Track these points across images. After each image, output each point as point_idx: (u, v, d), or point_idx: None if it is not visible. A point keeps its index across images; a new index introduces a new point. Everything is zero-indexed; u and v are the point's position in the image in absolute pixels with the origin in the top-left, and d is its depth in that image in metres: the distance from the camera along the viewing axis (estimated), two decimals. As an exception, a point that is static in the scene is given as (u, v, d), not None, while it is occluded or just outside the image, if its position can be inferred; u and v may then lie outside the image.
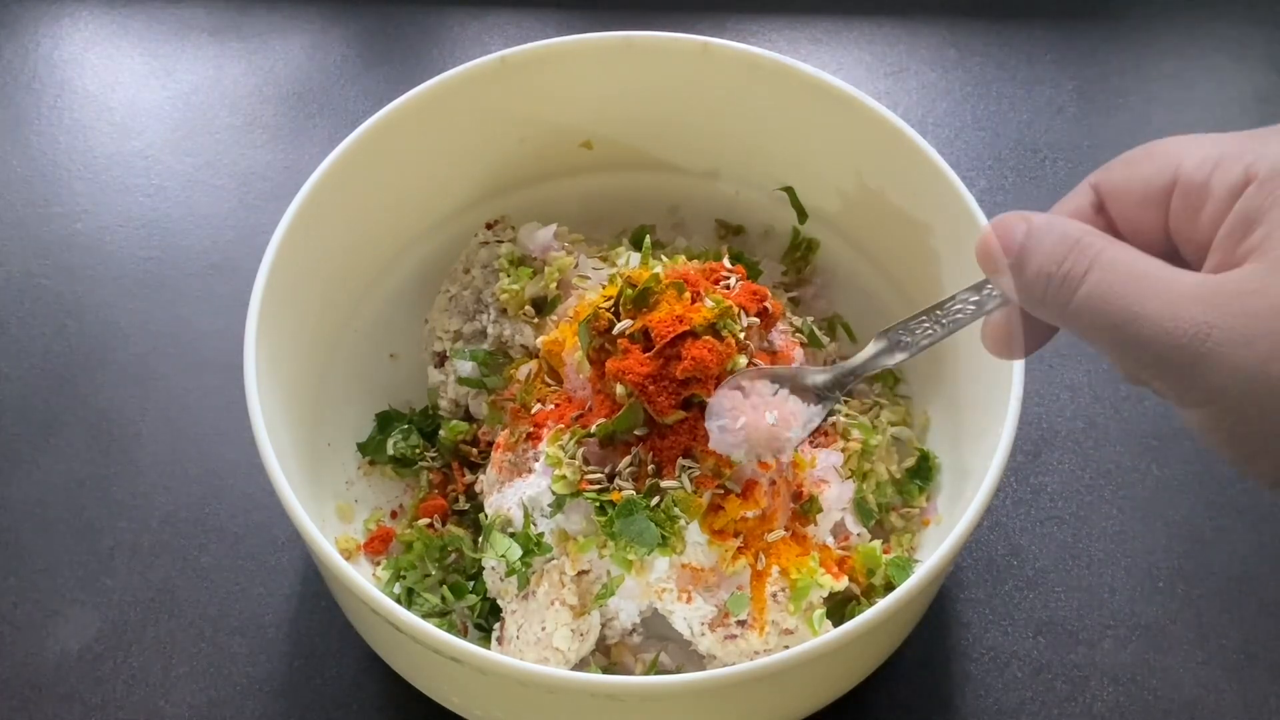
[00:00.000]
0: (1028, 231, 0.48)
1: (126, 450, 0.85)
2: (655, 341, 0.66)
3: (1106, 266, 0.46)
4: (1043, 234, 0.48)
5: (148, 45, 1.06)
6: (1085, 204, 0.50)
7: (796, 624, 0.67)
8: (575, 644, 0.67)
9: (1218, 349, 0.42)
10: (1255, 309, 0.42)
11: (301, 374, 0.75)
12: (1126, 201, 0.49)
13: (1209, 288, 0.43)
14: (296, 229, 0.72)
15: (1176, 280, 0.44)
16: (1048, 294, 0.47)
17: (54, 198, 0.97)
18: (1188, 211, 0.47)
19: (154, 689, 0.76)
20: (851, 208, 0.82)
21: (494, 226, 0.83)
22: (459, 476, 0.78)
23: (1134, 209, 0.49)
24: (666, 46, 0.79)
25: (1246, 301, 0.42)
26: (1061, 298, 0.47)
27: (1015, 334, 0.52)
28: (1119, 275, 0.45)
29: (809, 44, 1.06)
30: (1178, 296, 0.43)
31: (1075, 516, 0.83)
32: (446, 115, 0.78)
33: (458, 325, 0.80)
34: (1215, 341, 0.42)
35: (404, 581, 0.74)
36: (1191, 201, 0.46)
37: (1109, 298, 0.45)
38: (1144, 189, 0.48)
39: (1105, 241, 0.47)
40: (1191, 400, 0.45)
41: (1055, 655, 0.77)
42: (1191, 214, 0.46)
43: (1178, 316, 0.43)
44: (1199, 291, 0.43)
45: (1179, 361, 0.43)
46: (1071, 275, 0.46)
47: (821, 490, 0.72)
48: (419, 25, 1.07)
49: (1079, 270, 0.46)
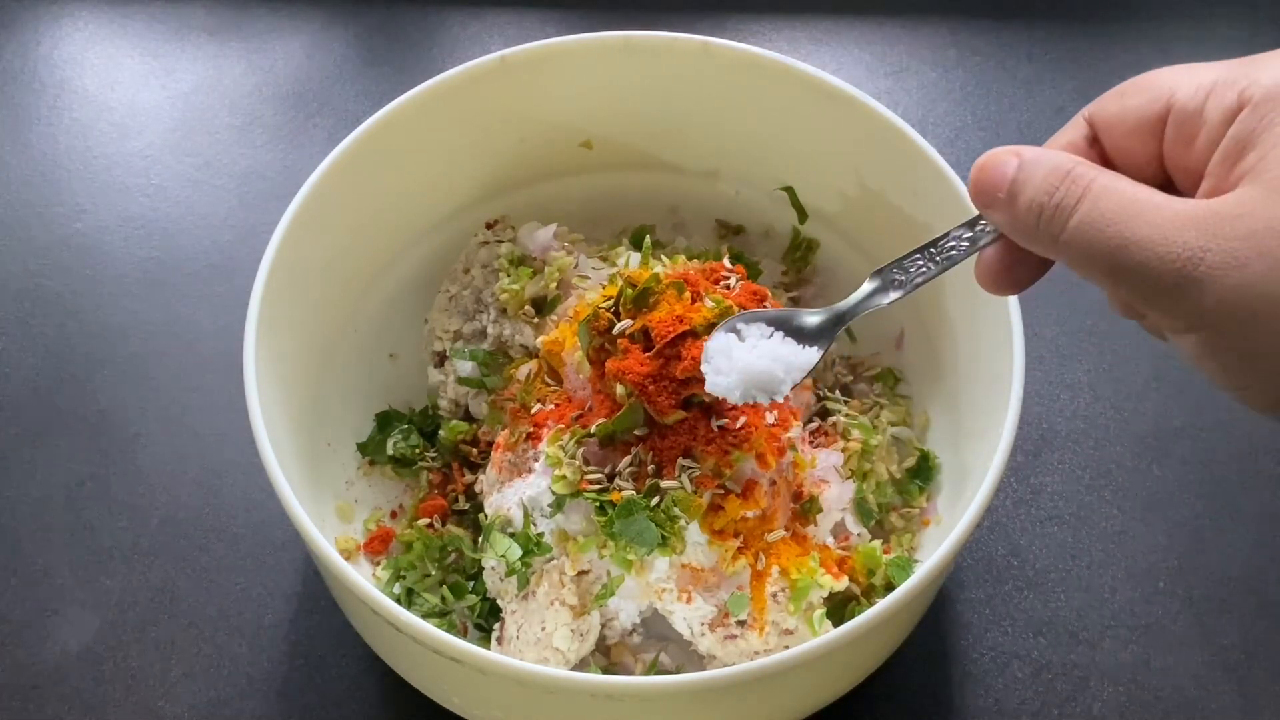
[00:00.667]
0: (1019, 165, 0.48)
1: (126, 450, 0.85)
2: (655, 341, 0.66)
3: (1098, 195, 0.45)
4: (1034, 166, 0.48)
5: (148, 45, 1.06)
6: (1079, 137, 0.50)
7: (796, 624, 0.67)
8: (575, 644, 0.66)
9: (1211, 273, 0.42)
10: (1248, 231, 0.42)
11: (301, 374, 0.75)
12: (1119, 132, 0.49)
13: (1202, 212, 0.43)
14: (296, 229, 0.72)
15: (1169, 206, 0.44)
16: (1040, 225, 0.47)
17: (54, 198, 0.97)
18: (1182, 139, 0.46)
19: (154, 689, 0.76)
20: (851, 208, 0.82)
21: (494, 226, 0.83)
22: (459, 476, 0.78)
23: (1127, 139, 0.48)
24: (666, 46, 0.79)
25: (1239, 224, 0.42)
26: (1054, 228, 0.46)
27: (1009, 269, 0.52)
28: (1111, 203, 0.45)
29: (809, 44, 1.06)
30: (1170, 222, 0.43)
31: (1075, 516, 0.83)
32: (446, 115, 0.78)
33: (458, 325, 0.80)
34: (1208, 265, 0.42)
35: (404, 582, 0.74)
36: (1185, 129, 0.46)
37: (1101, 226, 0.45)
38: (1137, 119, 0.48)
39: (1097, 171, 0.47)
40: (1184, 326, 0.44)
41: (1055, 655, 0.77)
42: (1185, 142, 0.46)
43: (1170, 241, 0.43)
44: (1192, 216, 0.43)
45: (1172, 287, 0.43)
46: (1063, 206, 0.46)
47: (821, 490, 0.72)
48: (419, 25, 1.07)
49: (1070, 200, 0.46)
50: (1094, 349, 0.89)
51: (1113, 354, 0.89)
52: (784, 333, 0.61)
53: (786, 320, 0.61)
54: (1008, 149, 0.49)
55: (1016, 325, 0.68)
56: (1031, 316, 0.71)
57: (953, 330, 0.77)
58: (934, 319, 0.79)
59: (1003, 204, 0.49)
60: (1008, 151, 0.49)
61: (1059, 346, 0.89)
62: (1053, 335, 0.90)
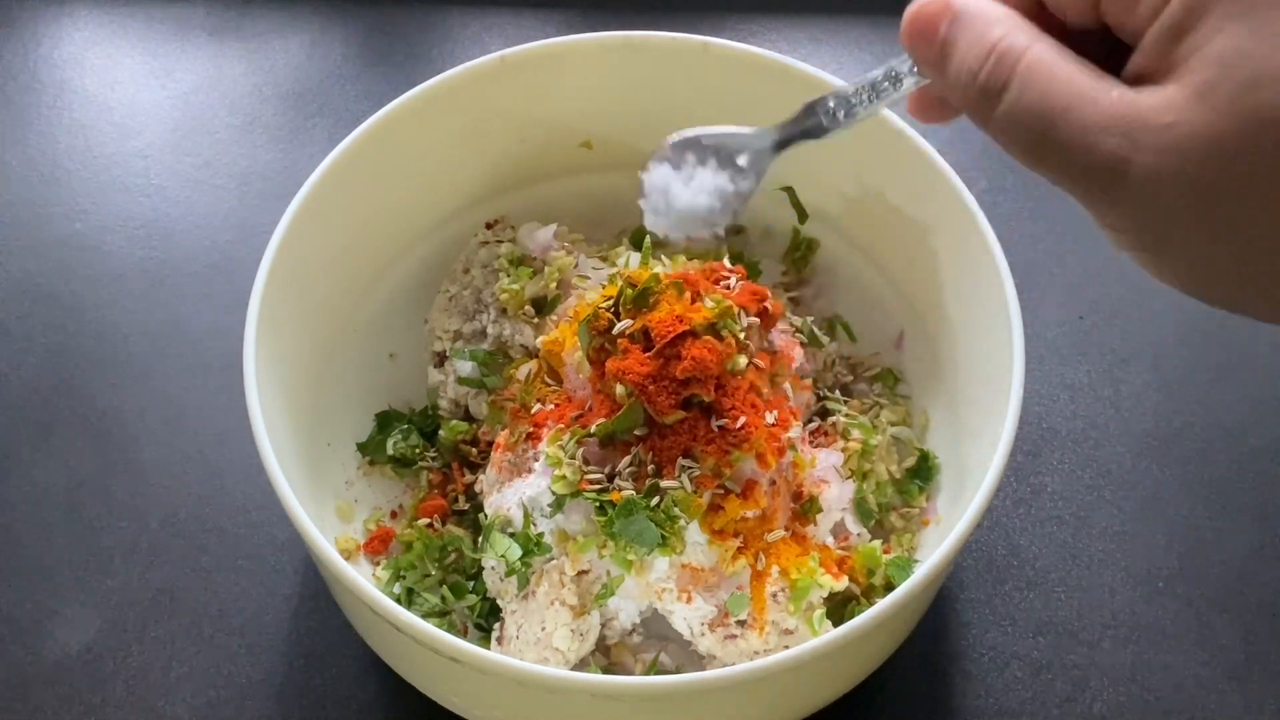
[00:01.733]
0: (949, 26, 0.44)
1: (126, 450, 0.85)
2: (655, 341, 0.66)
3: (1024, 80, 0.42)
4: (962, 33, 0.44)
5: (147, 45, 1.06)
6: None
7: (796, 624, 0.67)
8: (575, 644, 0.66)
9: (1134, 182, 0.39)
10: (1170, 144, 0.39)
11: (301, 374, 0.75)
12: None
13: (1126, 113, 0.40)
14: (296, 229, 0.72)
15: (1095, 100, 0.41)
16: (969, 104, 0.44)
17: (54, 198, 0.97)
18: None
19: (154, 689, 0.76)
20: (851, 208, 0.82)
21: (494, 226, 0.83)
22: (459, 476, 0.78)
23: None
24: (666, 46, 0.79)
25: (1162, 136, 0.39)
26: (983, 111, 0.43)
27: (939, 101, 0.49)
28: (1035, 93, 0.41)
29: (809, 44, 1.06)
30: (1095, 122, 0.40)
31: (1075, 516, 0.83)
32: (446, 115, 0.78)
33: (458, 325, 0.80)
34: (1132, 175, 0.39)
35: (404, 581, 0.74)
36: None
37: (1024, 117, 0.42)
38: None
39: (1025, 42, 0.42)
40: (1110, 224, 0.42)
41: (1055, 655, 0.77)
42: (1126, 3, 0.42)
43: (1093, 145, 0.40)
44: (1116, 115, 0.40)
45: (1095, 187, 0.41)
46: (989, 89, 0.43)
47: (821, 490, 0.72)
48: (419, 25, 1.07)
49: (996, 84, 0.43)
50: (1094, 349, 0.89)
51: (1113, 354, 0.89)
52: (719, 161, 0.58)
53: (723, 146, 0.58)
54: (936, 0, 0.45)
55: (1016, 325, 0.68)
56: (1031, 316, 0.71)
57: (953, 330, 0.77)
58: (934, 319, 0.79)
59: (933, 66, 0.46)
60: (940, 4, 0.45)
61: (1059, 346, 0.89)
62: (1053, 335, 0.90)
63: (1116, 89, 0.40)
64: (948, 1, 0.44)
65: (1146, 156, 0.39)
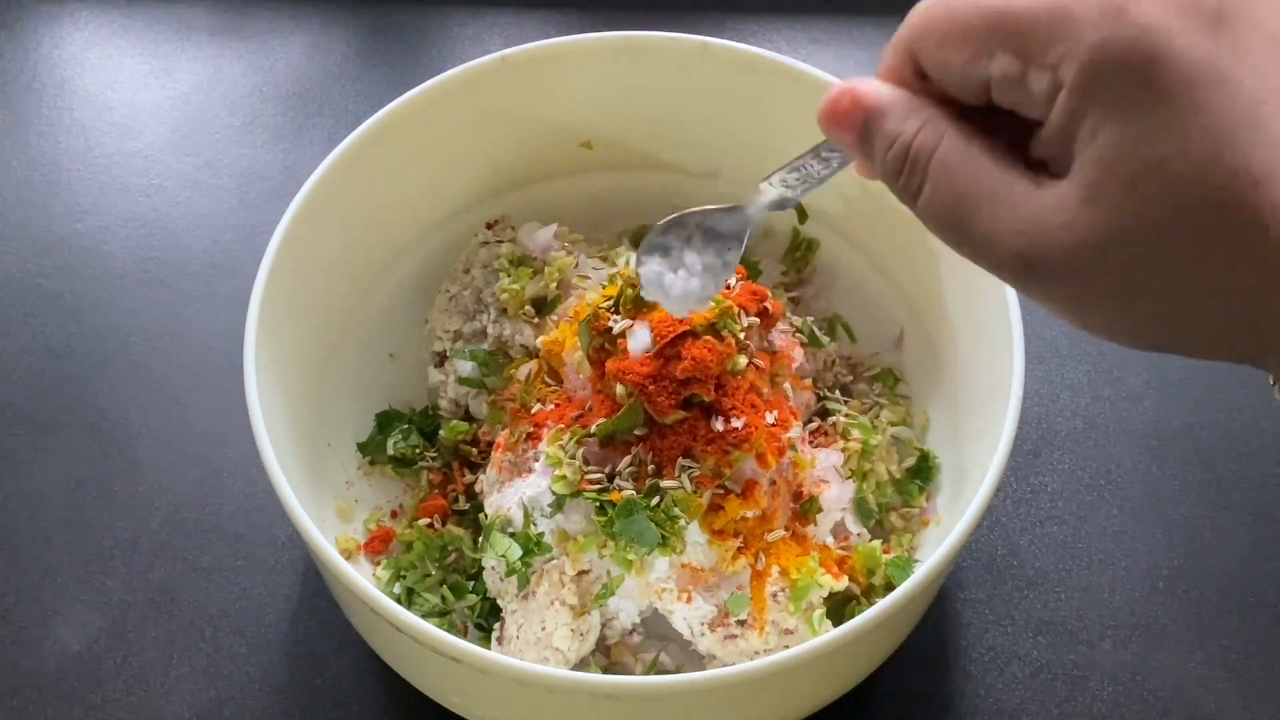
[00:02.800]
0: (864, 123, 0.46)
1: (126, 450, 0.85)
2: (655, 341, 0.66)
3: (935, 178, 0.43)
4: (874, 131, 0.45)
5: (148, 45, 1.06)
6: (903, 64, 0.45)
7: (796, 624, 0.67)
8: (575, 644, 0.67)
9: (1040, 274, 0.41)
10: (1068, 243, 0.40)
11: (301, 374, 0.75)
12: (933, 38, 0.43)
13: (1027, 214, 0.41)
14: (296, 229, 0.72)
15: (1001, 199, 0.42)
16: (898, 196, 0.46)
17: (54, 198, 0.97)
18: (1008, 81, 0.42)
19: (154, 689, 0.76)
20: (852, 208, 0.82)
21: (494, 226, 0.83)
22: (459, 476, 0.78)
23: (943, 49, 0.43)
24: (666, 46, 0.79)
25: (1059, 236, 0.40)
26: (908, 204, 0.45)
27: None
28: (948, 193, 0.43)
29: (809, 44, 1.06)
30: (1001, 221, 0.42)
31: (1075, 516, 0.83)
32: (446, 115, 0.78)
33: (458, 325, 0.80)
34: (1038, 271, 0.41)
35: (404, 581, 0.74)
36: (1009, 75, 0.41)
37: (940, 215, 0.44)
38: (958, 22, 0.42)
39: (934, 140, 0.43)
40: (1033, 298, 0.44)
41: (1055, 655, 0.77)
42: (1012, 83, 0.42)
43: (1001, 244, 0.42)
44: (1018, 217, 0.41)
45: (1008, 276, 0.43)
46: (908, 189, 0.45)
47: (821, 490, 0.72)
48: (419, 25, 1.07)
49: (914, 185, 0.44)
50: (1094, 349, 0.89)
51: (1113, 354, 0.89)
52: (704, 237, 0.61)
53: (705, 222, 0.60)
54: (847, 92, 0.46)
55: (1016, 325, 0.68)
56: (1031, 316, 0.71)
57: (953, 330, 0.77)
58: (934, 319, 0.79)
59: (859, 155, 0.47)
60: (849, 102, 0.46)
61: (1059, 346, 0.89)
62: (1053, 335, 0.90)
63: (1019, 184, 0.42)
64: (856, 98, 0.46)
65: (1049, 256, 0.41)
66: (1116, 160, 0.39)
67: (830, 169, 0.54)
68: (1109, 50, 0.38)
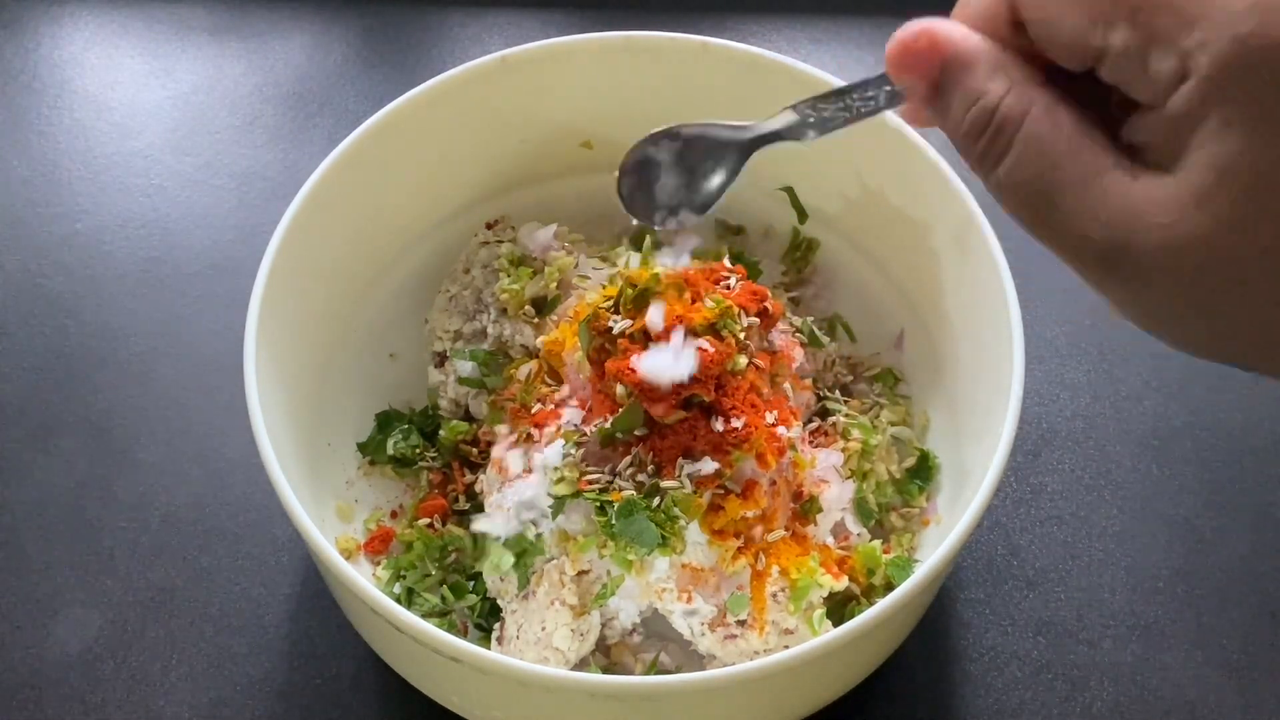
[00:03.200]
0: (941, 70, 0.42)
1: (126, 450, 0.85)
2: (655, 341, 0.66)
3: (1021, 149, 0.40)
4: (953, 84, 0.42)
5: (148, 45, 1.06)
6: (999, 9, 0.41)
7: (796, 624, 0.67)
8: (575, 644, 0.67)
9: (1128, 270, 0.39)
10: (1167, 243, 0.37)
11: (301, 374, 0.75)
12: None
13: (1124, 205, 0.38)
14: (296, 229, 0.72)
15: (1094, 183, 0.39)
16: (968, 159, 0.42)
17: (54, 198, 0.97)
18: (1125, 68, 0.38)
19: (154, 689, 0.76)
20: (851, 208, 0.82)
21: (494, 226, 0.83)
22: (459, 476, 0.78)
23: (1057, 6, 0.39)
24: (666, 46, 0.79)
25: (1159, 234, 0.38)
26: (982, 170, 0.42)
27: None
28: (1035, 168, 0.40)
29: (809, 44, 1.06)
30: (1093, 208, 0.39)
31: (1075, 516, 0.83)
32: (446, 115, 0.78)
33: (458, 325, 0.80)
34: (1125, 265, 0.39)
35: (404, 581, 0.74)
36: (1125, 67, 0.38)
37: (1021, 190, 0.40)
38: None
39: (1024, 105, 0.40)
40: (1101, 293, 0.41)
41: (1055, 655, 0.77)
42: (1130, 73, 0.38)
43: (1089, 232, 0.39)
44: (1114, 207, 0.38)
45: (1088, 268, 0.40)
46: (989, 155, 0.41)
47: (821, 490, 0.72)
48: (419, 25, 1.07)
49: (996, 152, 0.41)
50: (1094, 349, 0.89)
51: (1113, 354, 0.89)
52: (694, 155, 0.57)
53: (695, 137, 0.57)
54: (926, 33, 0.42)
55: (1016, 325, 0.68)
56: (1031, 316, 0.71)
57: (953, 330, 0.77)
58: (934, 319, 0.79)
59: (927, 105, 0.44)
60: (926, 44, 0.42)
61: (1059, 346, 0.89)
62: (1053, 335, 0.90)
63: (1114, 170, 0.39)
64: (933, 38, 0.42)
65: (1142, 255, 0.38)
66: (1243, 168, 0.36)
67: (868, 109, 0.49)
68: (1254, 46, 0.35)
